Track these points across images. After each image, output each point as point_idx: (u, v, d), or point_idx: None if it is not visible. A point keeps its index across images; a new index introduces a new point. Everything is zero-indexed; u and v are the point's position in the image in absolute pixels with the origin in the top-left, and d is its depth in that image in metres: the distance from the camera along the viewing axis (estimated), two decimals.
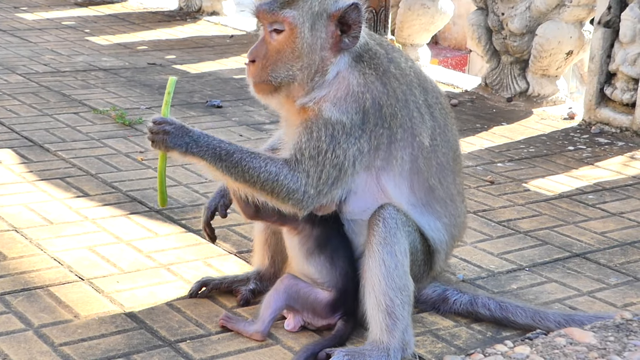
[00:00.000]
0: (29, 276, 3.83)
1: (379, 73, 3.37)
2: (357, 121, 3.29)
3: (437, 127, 3.48)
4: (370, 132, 3.32)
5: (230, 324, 3.50)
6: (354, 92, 3.31)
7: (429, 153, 3.44)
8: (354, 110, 3.29)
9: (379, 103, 3.33)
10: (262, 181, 3.29)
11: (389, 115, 3.35)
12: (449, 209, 3.53)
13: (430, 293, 3.74)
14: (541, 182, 5.49)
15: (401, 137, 3.38)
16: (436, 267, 3.61)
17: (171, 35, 9.40)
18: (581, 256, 4.40)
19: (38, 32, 9.17)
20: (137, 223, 4.47)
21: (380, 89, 3.34)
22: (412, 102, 3.42)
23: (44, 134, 5.79)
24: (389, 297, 3.30)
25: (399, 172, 3.40)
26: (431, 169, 3.45)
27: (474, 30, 7.63)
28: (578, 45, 7.19)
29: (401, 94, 3.39)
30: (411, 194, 3.44)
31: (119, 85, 7.21)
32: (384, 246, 3.31)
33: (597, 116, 6.72)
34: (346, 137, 3.28)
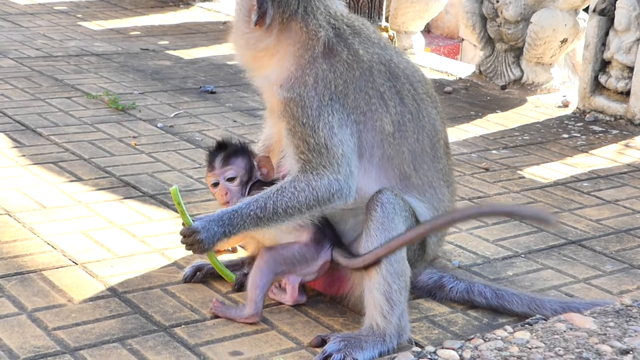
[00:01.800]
0: (22, 260, 3.81)
1: (327, 56, 3.38)
2: (305, 94, 3.34)
3: (407, 113, 3.45)
4: (328, 106, 3.34)
5: (222, 312, 3.48)
6: (294, 71, 3.38)
7: (396, 139, 3.41)
8: (298, 85, 3.36)
9: (326, 80, 3.35)
10: (304, 205, 3.34)
11: (340, 92, 3.36)
12: (428, 196, 3.49)
13: (426, 280, 3.72)
14: (536, 169, 5.48)
15: (360, 120, 3.38)
16: (428, 250, 3.59)
17: (164, 20, 9.35)
18: (577, 243, 4.39)
19: (30, 17, 9.12)
20: (130, 208, 4.44)
21: (325, 68, 3.36)
22: (369, 87, 3.41)
23: (36, 118, 5.75)
24: (387, 282, 3.28)
25: (368, 157, 3.40)
26: (403, 156, 3.43)
27: (469, 17, 7.60)
28: (573, 33, 7.18)
29: (351, 77, 3.39)
30: (385, 181, 3.42)
31: (111, 70, 7.17)
32: (381, 231, 3.29)
33: (591, 104, 6.71)
34: (305, 109, 3.33)
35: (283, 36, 3.43)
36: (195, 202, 4.55)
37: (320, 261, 3.47)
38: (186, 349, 3.22)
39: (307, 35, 3.41)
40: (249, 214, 3.35)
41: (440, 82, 7.44)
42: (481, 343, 2.52)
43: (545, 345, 2.50)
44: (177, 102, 6.33)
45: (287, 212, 3.35)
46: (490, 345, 2.50)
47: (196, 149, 5.37)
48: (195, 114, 6.08)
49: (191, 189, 4.72)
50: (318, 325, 3.45)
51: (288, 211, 3.34)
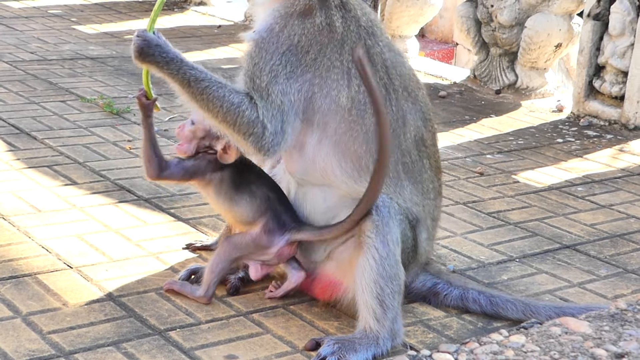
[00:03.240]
0: (17, 264, 3.80)
1: (302, 16, 3.44)
2: (267, 38, 3.40)
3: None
4: (282, 55, 3.38)
5: (177, 287, 3.61)
6: (269, 21, 3.46)
7: (351, 116, 3.41)
8: (265, 30, 3.43)
9: (291, 33, 3.40)
10: (224, 111, 3.37)
11: (301, 48, 3.40)
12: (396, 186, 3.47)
13: (420, 286, 3.72)
14: (530, 174, 5.49)
15: (315, 82, 3.41)
16: (421, 250, 3.58)
17: (158, 24, 9.28)
18: (571, 248, 4.40)
19: (24, 20, 9.11)
20: (125, 211, 4.44)
21: (295, 23, 3.42)
22: (334, 58, 3.42)
23: (31, 122, 5.74)
24: (379, 286, 3.29)
25: (322, 126, 3.42)
26: (355, 134, 3.41)
27: (463, 22, 7.61)
28: (567, 38, 7.19)
29: (317, 41, 3.42)
30: (339, 156, 3.42)
31: (106, 73, 7.16)
32: (376, 234, 3.30)
33: (585, 109, 6.72)
34: (261, 51, 3.38)
35: None
36: (189, 205, 4.55)
37: (274, 248, 3.52)
38: (181, 353, 3.22)
39: None
40: (185, 74, 3.39)
41: (435, 87, 7.45)
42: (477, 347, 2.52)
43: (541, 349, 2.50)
44: (171, 106, 6.31)
45: (208, 103, 3.38)
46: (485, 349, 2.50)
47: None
48: (190, 116, 6.05)
49: (185, 193, 4.72)
50: (313, 329, 3.45)
51: (209, 104, 3.38)
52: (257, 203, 3.52)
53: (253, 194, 3.53)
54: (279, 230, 3.51)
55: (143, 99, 3.60)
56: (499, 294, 3.69)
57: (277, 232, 3.51)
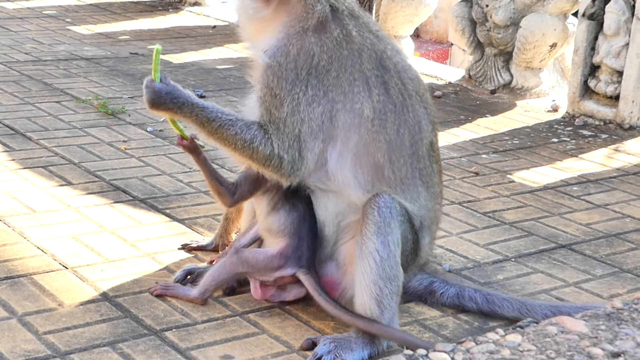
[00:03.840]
0: (12, 264, 3.79)
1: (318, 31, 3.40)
2: (285, 64, 3.36)
3: (390, 104, 3.43)
4: (303, 80, 3.35)
5: (170, 292, 3.59)
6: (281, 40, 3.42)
7: (374, 126, 3.40)
8: (281, 53, 3.39)
9: (309, 53, 3.36)
10: (240, 148, 3.39)
11: (322, 68, 3.37)
12: (398, 191, 3.44)
13: (416, 285, 3.72)
14: (526, 173, 5.49)
15: (338, 99, 3.38)
16: (422, 253, 3.59)
17: (153, 25, 9.34)
18: (567, 247, 4.40)
19: (19, 21, 9.09)
20: (120, 212, 4.43)
21: (312, 41, 3.38)
22: (355, 69, 3.40)
23: (26, 123, 5.74)
24: (378, 287, 3.29)
25: (344, 140, 3.39)
26: (378, 144, 3.40)
27: (458, 22, 7.62)
28: (562, 38, 7.20)
29: (338, 55, 3.39)
30: (356, 168, 3.40)
31: (101, 74, 7.15)
32: (377, 235, 3.29)
33: (580, 109, 6.72)
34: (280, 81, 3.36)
35: (281, 8, 3.45)
36: (185, 205, 4.55)
37: (278, 274, 3.49)
38: (177, 353, 3.21)
39: (304, 8, 3.43)
40: (197, 116, 3.40)
41: (430, 87, 7.45)
42: (473, 346, 2.51)
43: (537, 348, 2.50)
44: None
45: (224, 142, 3.41)
46: (481, 348, 2.49)
47: (186, 153, 5.35)
48: None
49: (181, 193, 4.71)
50: (309, 329, 3.45)
51: (225, 142, 3.41)
52: (290, 220, 3.48)
53: (292, 209, 3.48)
54: (292, 261, 3.48)
55: (184, 142, 3.57)
56: (495, 293, 3.69)
57: (290, 262, 3.48)
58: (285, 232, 3.48)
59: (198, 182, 4.87)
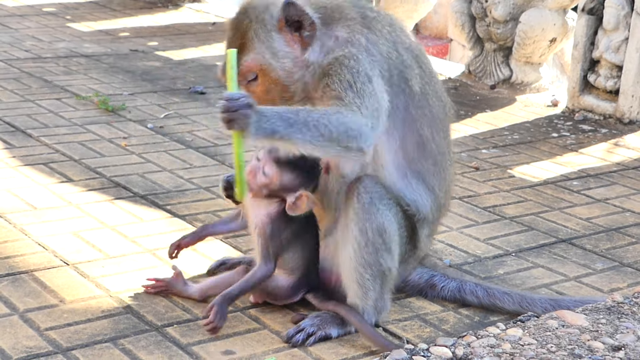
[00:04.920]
0: (14, 261, 3.80)
1: (360, 27, 3.36)
2: (355, 53, 3.27)
3: (425, 75, 3.45)
4: (370, 63, 3.27)
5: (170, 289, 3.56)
6: (344, 38, 3.32)
7: (419, 101, 3.40)
8: (350, 45, 3.29)
9: (371, 42, 3.32)
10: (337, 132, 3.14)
11: (378, 53, 3.32)
12: (439, 167, 3.47)
13: (416, 279, 3.73)
14: (526, 168, 5.50)
15: (395, 82, 3.34)
16: (420, 245, 3.58)
17: (153, 22, 9.34)
18: (567, 242, 4.40)
19: (18, 19, 9.09)
20: (121, 208, 4.44)
21: (366, 32, 3.34)
22: (400, 46, 3.40)
23: (26, 120, 5.74)
24: (359, 272, 3.35)
25: (393, 122, 3.35)
26: (423, 118, 3.41)
27: (458, 17, 7.61)
28: (561, 33, 7.20)
29: (388, 36, 3.39)
30: (402, 148, 3.39)
31: (101, 71, 7.16)
32: (355, 222, 3.31)
33: (580, 103, 6.73)
34: (355, 62, 3.23)
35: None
36: (185, 202, 4.55)
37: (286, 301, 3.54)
38: (178, 349, 3.22)
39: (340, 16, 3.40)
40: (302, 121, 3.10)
41: None
42: (473, 340, 2.52)
43: (538, 342, 2.51)
44: (167, 102, 6.32)
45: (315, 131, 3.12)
46: (482, 342, 2.50)
47: (186, 149, 5.37)
48: (185, 114, 6.07)
49: (181, 189, 4.72)
50: None
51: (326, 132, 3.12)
52: (297, 258, 3.47)
53: (300, 248, 3.46)
54: (302, 288, 3.51)
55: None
56: (496, 287, 3.70)
57: (300, 290, 3.51)
58: (296, 269, 3.49)
59: (198, 178, 4.88)
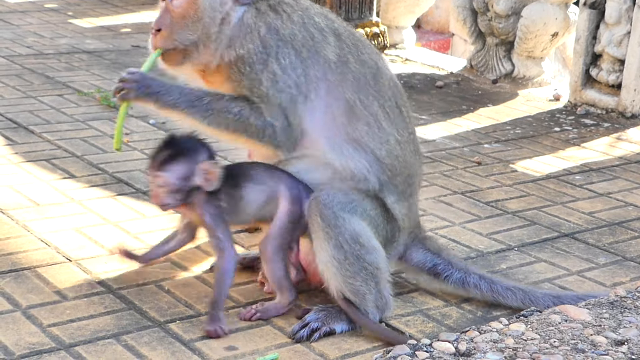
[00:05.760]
0: (16, 257, 3.80)
1: (271, 5, 3.46)
2: (259, 47, 3.37)
3: (346, 46, 3.48)
4: (276, 54, 3.36)
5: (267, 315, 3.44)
6: (249, 25, 3.41)
7: (338, 67, 3.43)
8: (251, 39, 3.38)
9: (275, 27, 3.40)
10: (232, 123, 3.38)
11: (287, 35, 3.40)
12: (373, 127, 3.44)
13: (420, 262, 3.69)
14: (528, 163, 5.49)
15: (307, 56, 3.40)
16: (396, 213, 3.51)
17: (155, 17, 9.31)
18: (570, 236, 4.40)
19: (20, 15, 9.09)
20: (124, 204, 4.44)
21: (273, 16, 3.42)
22: (311, 25, 3.46)
23: (28, 116, 5.74)
24: (348, 283, 3.34)
25: (315, 94, 3.40)
26: (346, 83, 3.43)
27: (459, 12, 7.61)
28: (563, 27, 7.19)
29: (297, 18, 3.45)
30: (330, 121, 3.41)
31: (103, 67, 7.15)
32: (327, 241, 3.32)
33: (582, 97, 6.72)
34: (259, 64, 3.36)
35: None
36: None
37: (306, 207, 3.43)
38: (181, 345, 3.22)
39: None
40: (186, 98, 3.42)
41: (432, 77, 7.44)
42: (476, 335, 2.52)
43: (541, 337, 2.51)
44: None
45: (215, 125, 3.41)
46: (485, 337, 2.50)
47: None
48: None
49: None
50: None
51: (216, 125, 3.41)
52: (268, 185, 3.42)
53: (259, 180, 3.42)
54: (304, 196, 3.41)
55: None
56: (500, 281, 3.68)
57: (303, 198, 3.40)
58: (273, 196, 3.42)
59: None
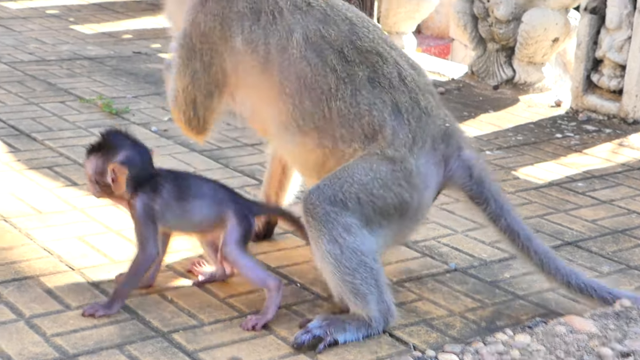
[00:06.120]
0: (19, 266, 3.80)
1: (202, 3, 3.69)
2: (184, 44, 3.76)
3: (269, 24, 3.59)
4: (198, 51, 3.69)
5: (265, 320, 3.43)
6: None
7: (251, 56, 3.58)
8: (181, 36, 3.77)
9: (197, 22, 3.66)
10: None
11: (208, 30, 3.64)
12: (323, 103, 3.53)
13: (461, 180, 3.70)
14: (530, 170, 5.49)
15: (224, 49, 3.61)
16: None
17: (156, 24, 9.33)
18: (573, 244, 4.40)
19: (22, 21, 9.10)
20: (126, 212, 4.42)
21: (199, 10, 3.67)
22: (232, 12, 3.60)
23: (30, 123, 5.74)
24: (347, 281, 3.31)
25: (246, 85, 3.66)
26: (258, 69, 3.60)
27: (460, 17, 7.61)
28: (564, 32, 7.19)
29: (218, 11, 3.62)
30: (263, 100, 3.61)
31: (104, 74, 7.16)
32: (321, 238, 3.31)
33: (584, 103, 6.72)
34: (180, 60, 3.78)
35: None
36: None
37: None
38: (185, 355, 3.22)
39: None
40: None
41: (433, 83, 7.42)
42: (482, 347, 2.52)
43: (546, 349, 2.51)
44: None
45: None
46: (491, 348, 2.50)
47: (190, 152, 5.36)
48: None
49: None
50: None
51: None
52: (214, 200, 3.49)
53: (203, 195, 3.50)
54: (251, 212, 3.50)
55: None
56: (555, 257, 3.61)
57: (250, 215, 3.49)
58: (219, 212, 3.50)
59: None
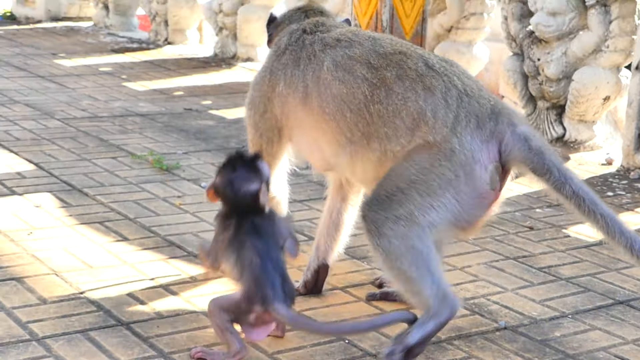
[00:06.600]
0: (70, 320, 3.83)
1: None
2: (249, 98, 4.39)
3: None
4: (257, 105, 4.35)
5: (210, 357, 3.50)
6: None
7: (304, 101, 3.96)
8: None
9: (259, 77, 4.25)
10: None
11: (261, 80, 4.22)
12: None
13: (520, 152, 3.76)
14: (581, 228, 5.44)
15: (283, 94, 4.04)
16: None
17: (207, 81, 9.45)
18: (625, 304, 4.34)
19: (76, 78, 9.26)
20: (175, 267, 4.46)
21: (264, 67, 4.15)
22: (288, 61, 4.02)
23: (82, 178, 5.81)
24: (405, 287, 3.47)
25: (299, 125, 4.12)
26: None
27: (510, 76, 7.62)
28: (615, 91, 7.17)
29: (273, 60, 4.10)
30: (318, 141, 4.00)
31: (155, 130, 7.24)
32: (373, 239, 3.45)
33: (635, 162, 6.67)
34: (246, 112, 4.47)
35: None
36: None
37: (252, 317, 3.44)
38: None
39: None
40: None
41: None
42: None
43: None
44: (220, 161, 6.34)
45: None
46: None
47: None
48: None
49: None
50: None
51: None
52: (238, 267, 3.46)
53: (239, 256, 3.45)
54: (256, 296, 3.39)
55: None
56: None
57: (255, 297, 3.39)
58: (237, 277, 3.47)
59: None
